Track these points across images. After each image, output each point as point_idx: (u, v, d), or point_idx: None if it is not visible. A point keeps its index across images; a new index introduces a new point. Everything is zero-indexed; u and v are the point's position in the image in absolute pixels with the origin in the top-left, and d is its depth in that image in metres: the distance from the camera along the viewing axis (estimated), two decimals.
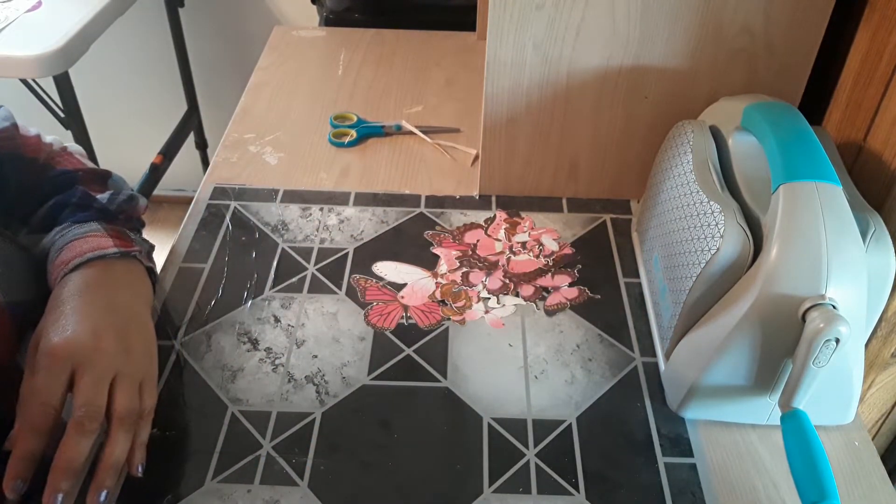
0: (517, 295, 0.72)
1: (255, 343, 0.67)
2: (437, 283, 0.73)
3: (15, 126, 0.65)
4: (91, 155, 1.42)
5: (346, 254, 0.76)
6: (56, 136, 0.70)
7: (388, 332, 0.68)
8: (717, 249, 0.56)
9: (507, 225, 0.80)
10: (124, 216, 0.66)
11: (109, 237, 0.61)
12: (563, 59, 0.73)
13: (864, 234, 0.54)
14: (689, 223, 0.61)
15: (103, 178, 0.69)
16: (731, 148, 0.65)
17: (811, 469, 0.50)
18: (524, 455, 0.59)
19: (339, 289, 0.73)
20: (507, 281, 0.74)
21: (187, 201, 0.84)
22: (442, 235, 0.79)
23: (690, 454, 0.59)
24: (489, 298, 0.72)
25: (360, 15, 1.28)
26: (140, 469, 0.53)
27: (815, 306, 0.51)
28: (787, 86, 0.75)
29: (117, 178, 0.71)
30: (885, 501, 0.57)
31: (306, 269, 0.75)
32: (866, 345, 0.62)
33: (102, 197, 0.65)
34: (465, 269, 0.75)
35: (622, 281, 0.74)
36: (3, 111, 0.65)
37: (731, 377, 0.57)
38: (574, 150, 0.80)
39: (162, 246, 0.72)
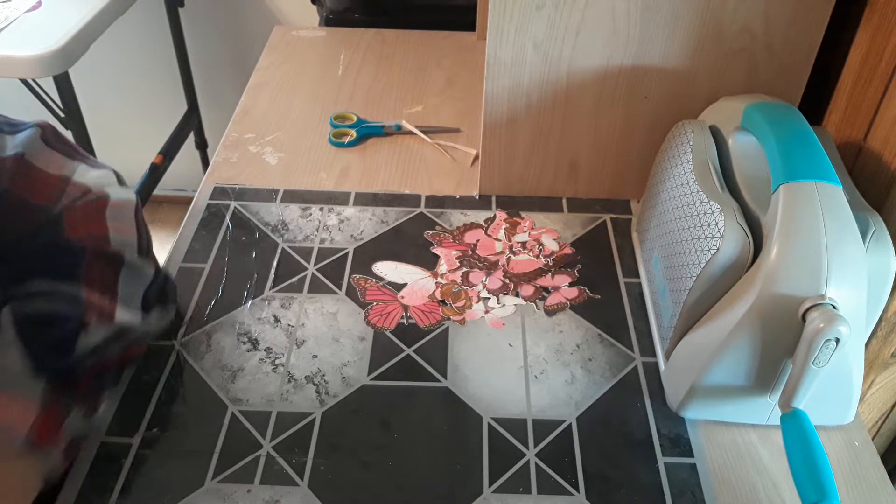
0: (517, 295, 0.72)
1: (255, 343, 0.67)
2: (437, 283, 0.73)
3: (18, 157, 0.53)
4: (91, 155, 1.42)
5: (346, 254, 0.76)
6: (108, 171, 0.56)
7: (388, 332, 0.68)
8: (717, 249, 0.56)
9: (507, 225, 0.80)
10: (95, 370, 0.52)
11: (37, 415, 0.48)
12: (563, 59, 0.73)
13: (864, 234, 0.54)
14: (689, 223, 0.61)
15: (117, 263, 0.54)
16: (731, 148, 0.65)
17: (811, 469, 0.50)
18: (524, 455, 0.59)
19: (339, 289, 0.73)
20: (507, 281, 0.74)
21: (187, 201, 0.84)
22: (442, 235, 0.79)
23: (690, 454, 0.59)
24: (489, 298, 0.72)
25: (360, 15, 1.28)
26: None
27: (815, 306, 0.51)
28: (787, 86, 0.75)
29: (132, 264, 0.56)
30: (885, 501, 0.57)
31: (306, 269, 0.75)
32: (866, 345, 0.62)
33: (96, 334, 0.51)
34: (465, 269, 0.75)
35: (622, 281, 0.74)
36: (26, 135, 0.53)
37: (731, 377, 0.57)
38: (574, 150, 0.80)
39: (162, 246, 0.72)
